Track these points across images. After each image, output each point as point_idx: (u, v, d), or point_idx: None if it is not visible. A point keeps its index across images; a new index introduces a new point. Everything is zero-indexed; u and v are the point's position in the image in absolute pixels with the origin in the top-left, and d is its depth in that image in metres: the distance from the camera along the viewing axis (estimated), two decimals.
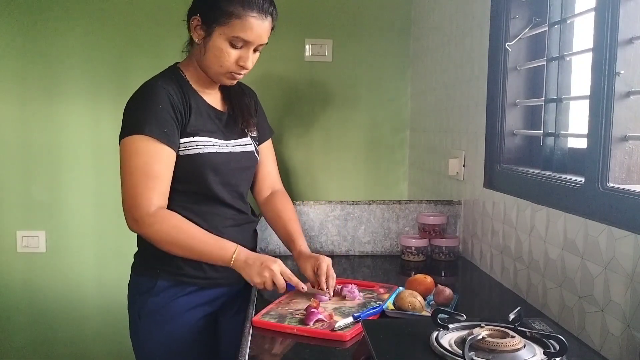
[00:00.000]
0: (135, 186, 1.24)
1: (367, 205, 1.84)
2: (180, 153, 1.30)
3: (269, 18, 1.29)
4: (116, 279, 2.45)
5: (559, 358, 0.83)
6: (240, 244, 1.38)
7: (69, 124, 2.41)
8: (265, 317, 1.16)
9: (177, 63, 1.41)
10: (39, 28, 2.36)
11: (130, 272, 1.42)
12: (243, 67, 1.30)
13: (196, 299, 1.37)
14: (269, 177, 1.56)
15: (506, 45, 1.52)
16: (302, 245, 1.44)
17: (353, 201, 1.85)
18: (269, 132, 1.57)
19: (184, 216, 1.29)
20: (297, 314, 1.17)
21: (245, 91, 1.51)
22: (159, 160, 1.25)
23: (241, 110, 1.44)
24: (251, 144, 1.46)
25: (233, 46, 1.27)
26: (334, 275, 1.32)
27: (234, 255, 1.26)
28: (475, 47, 1.75)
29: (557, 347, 0.85)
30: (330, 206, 1.83)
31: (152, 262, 1.35)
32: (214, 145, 1.34)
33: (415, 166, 2.52)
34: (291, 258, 1.51)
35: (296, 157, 2.56)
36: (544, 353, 0.85)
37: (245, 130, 1.44)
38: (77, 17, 2.37)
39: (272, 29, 1.32)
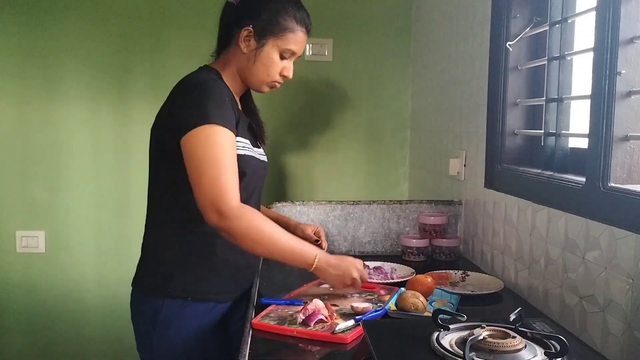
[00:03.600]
0: (219, 178, 1.18)
1: (368, 205, 1.84)
2: None
3: (308, 36, 1.38)
4: (116, 279, 2.46)
5: (560, 358, 0.83)
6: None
7: (68, 124, 2.41)
8: (265, 319, 1.16)
9: (207, 66, 1.38)
10: (39, 28, 2.36)
11: (132, 280, 1.38)
12: (286, 77, 1.37)
13: (209, 306, 1.33)
14: None
15: (507, 44, 1.52)
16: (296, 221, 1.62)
17: (353, 201, 1.84)
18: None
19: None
20: (297, 316, 1.16)
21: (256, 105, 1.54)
22: (232, 152, 1.23)
23: (258, 121, 1.48)
24: (265, 156, 1.46)
25: (282, 57, 1.34)
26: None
27: (316, 261, 1.23)
28: (475, 47, 1.75)
29: (558, 347, 0.85)
30: (331, 206, 1.83)
31: (158, 280, 1.31)
32: (250, 148, 1.34)
33: (415, 166, 2.52)
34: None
35: (296, 157, 2.56)
36: (545, 353, 0.85)
37: (260, 141, 1.46)
38: (76, 17, 2.37)
39: None
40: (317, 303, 1.16)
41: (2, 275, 2.45)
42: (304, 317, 1.12)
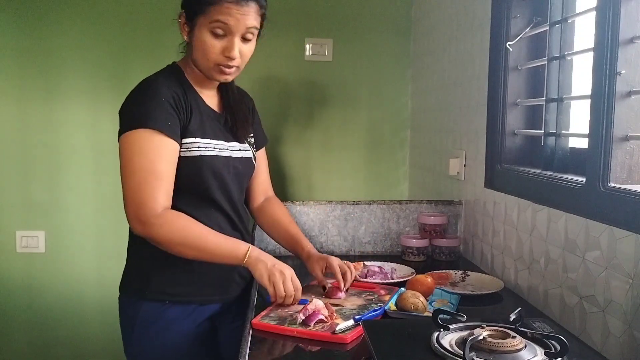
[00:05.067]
0: (140, 186, 1.17)
1: (368, 205, 1.84)
2: (181, 154, 1.26)
3: (251, 2, 1.22)
4: (116, 279, 2.42)
5: (560, 358, 0.83)
6: None
7: (68, 124, 2.41)
8: (265, 319, 1.16)
9: (175, 62, 1.37)
10: (39, 28, 2.35)
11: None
12: (229, 58, 1.23)
13: (190, 308, 1.33)
14: (263, 184, 1.54)
15: (507, 44, 1.52)
16: (310, 246, 1.43)
17: (353, 201, 1.84)
18: (264, 141, 1.54)
19: None
20: (297, 316, 1.16)
21: (243, 97, 1.48)
22: (164, 157, 1.20)
23: (238, 115, 1.40)
24: (249, 150, 1.42)
25: (215, 35, 1.22)
26: (353, 269, 1.34)
27: (248, 253, 1.21)
28: (475, 47, 1.75)
29: (558, 347, 0.85)
30: (331, 206, 1.83)
31: (138, 283, 1.32)
32: (214, 147, 1.31)
33: (415, 166, 2.52)
34: (291, 258, 1.51)
35: (296, 157, 2.56)
36: (545, 353, 0.85)
37: (241, 136, 1.40)
38: (76, 17, 2.37)
39: (263, 13, 1.27)
40: (317, 303, 1.16)
41: (2, 275, 2.44)
42: (304, 317, 1.12)
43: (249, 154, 1.42)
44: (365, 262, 1.60)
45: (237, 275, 1.41)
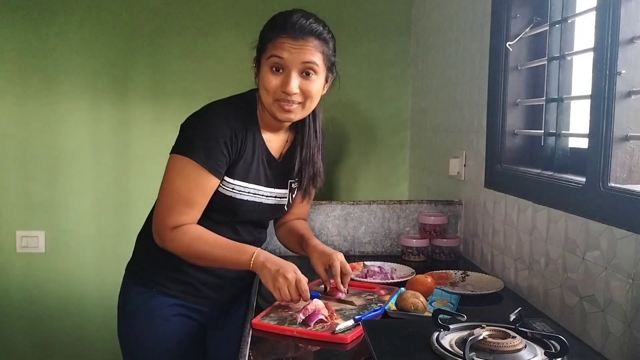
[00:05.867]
0: (170, 206, 1.26)
1: (368, 205, 1.84)
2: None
3: (310, 38, 1.26)
4: (116, 279, 2.42)
5: (560, 358, 0.83)
6: None
7: (68, 123, 2.41)
8: (265, 319, 1.16)
9: (254, 91, 1.36)
10: (39, 28, 2.35)
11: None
12: (286, 93, 1.24)
13: (178, 301, 1.38)
14: (297, 215, 1.54)
15: (507, 44, 1.52)
16: (315, 240, 1.41)
17: (353, 201, 1.84)
18: (320, 182, 1.46)
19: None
20: (297, 316, 1.16)
21: (319, 142, 1.42)
22: (202, 189, 1.26)
23: (299, 163, 1.39)
24: (286, 197, 1.42)
25: (274, 72, 1.25)
26: (349, 270, 1.32)
27: (254, 257, 1.24)
28: (475, 47, 1.75)
29: (558, 347, 0.85)
30: (331, 206, 1.83)
31: (134, 268, 1.44)
32: (249, 192, 1.33)
33: (415, 166, 2.52)
34: (291, 258, 1.51)
35: None
36: (545, 353, 0.85)
37: (289, 182, 1.41)
38: (76, 18, 2.37)
39: (327, 52, 1.31)
40: (317, 303, 1.16)
41: (2, 275, 2.44)
42: (304, 317, 1.12)
43: (283, 201, 1.43)
44: (365, 262, 1.60)
45: (227, 283, 1.43)
